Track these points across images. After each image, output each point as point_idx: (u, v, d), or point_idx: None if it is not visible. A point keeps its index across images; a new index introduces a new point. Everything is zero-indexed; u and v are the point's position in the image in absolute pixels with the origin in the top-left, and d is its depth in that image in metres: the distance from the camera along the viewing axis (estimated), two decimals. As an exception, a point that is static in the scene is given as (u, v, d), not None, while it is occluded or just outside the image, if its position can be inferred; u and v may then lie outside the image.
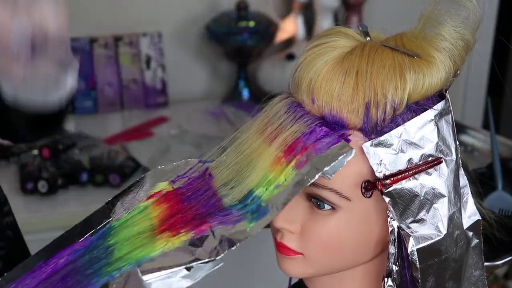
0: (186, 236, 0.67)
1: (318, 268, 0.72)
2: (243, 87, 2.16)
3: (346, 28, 0.72)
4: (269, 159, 0.67)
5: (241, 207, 0.67)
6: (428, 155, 0.67)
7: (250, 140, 0.71)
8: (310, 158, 0.64)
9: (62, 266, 0.70)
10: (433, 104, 0.68)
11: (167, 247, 0.67)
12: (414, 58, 0.67)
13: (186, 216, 0.69)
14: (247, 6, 2.09)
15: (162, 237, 0.68)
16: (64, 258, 0.71)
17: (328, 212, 0.68)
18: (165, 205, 0.72)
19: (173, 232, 0.68)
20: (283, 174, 0.66)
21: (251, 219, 0.66)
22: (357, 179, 0.66)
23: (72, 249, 0.72)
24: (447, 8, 0.69)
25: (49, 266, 0.71)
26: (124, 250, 0.68)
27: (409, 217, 0.66)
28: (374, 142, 0.65)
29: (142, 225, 0.71)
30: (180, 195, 0.72)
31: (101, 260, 0.69)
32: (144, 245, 0.68)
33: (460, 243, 0.70)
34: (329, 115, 0.67)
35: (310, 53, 0.69)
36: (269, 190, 0.66)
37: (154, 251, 0.67)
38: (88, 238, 0.72)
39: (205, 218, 0.68)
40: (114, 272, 0.67)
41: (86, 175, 1.64)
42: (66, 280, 0.68)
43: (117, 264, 0.67)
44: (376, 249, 0.71)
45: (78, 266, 0.69)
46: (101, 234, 0.72)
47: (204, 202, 0.70)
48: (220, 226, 0.66)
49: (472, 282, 0.73)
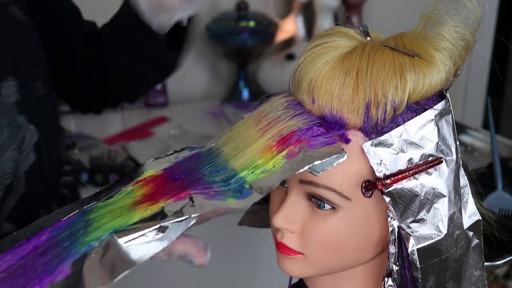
0: (164, 203, 0.66)
1: (318, 268, 0.72)
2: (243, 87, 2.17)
3: (346, 28, 0.72)
4: (260, 146, 0.67)
5: (222, 185, 0.67)
6: (428, 155, 0.67)
7: (244, 129, 0.71)
8: (302, 150, 0.64)
9: (43, 242, 0.70)
10: (434, 104, 0.68)
11: (145, 214, 0.66)
12: (414, 58, 0.67)
13: (167, 189, 0.69)
14: (247, 6, 2.09)
15: (141, 207, 0.67)
16: (45, 235, 0.70)
17: (329, 212, 0.68)
18: (150, 184, 0.72)
19: (152, 201, 0.68)
20: (272, 161, 0.66)
21: (232, 197, 0.65)
22: (357, 179, 0.66)
23: (55, 226, 0.71)
24: (447, 8, 0.69)
25: (30, 243, 0.70)
26: (103, 221, 0.68)
27: (409, 217, 0.66)
28: (374, 142, 0.65)
29: (125, 201, 0.70)
30: (166, 176, 0.72)
31: (79, 231, 0.68)
32: (123, 215, 0.67)
33: (461, 243, 0.70)
34: (329, 115, 0.67)
35: (310, 53, 0.69)
36: (255, 174, 0.66)
37: (132, 219, 0.66)
38: (72, 217, 0.72)
39: (185, 188, 0.67)
40: (93, 242, 0.65)
41: (86, 175, 1.64)
42: (46, 254, 0.68)
43: (95, 233, 0.66)
44: (376, 249, 0.71)
45: (58, 240, 0.69)
46: (83, 212, 0.72)
47: (188, 178, 0.69)
48: (200, 195, 0.66)
49: (473, 282, 0.73)
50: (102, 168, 1.66)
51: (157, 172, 0.73)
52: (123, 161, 1.70)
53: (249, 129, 0.70)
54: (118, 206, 0.70)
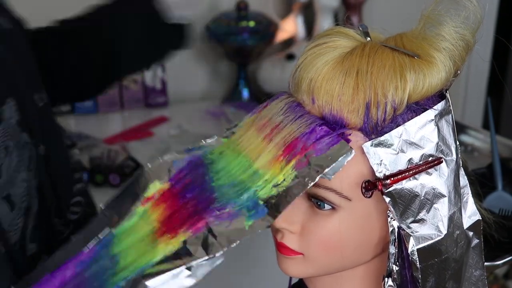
0: (184, 236, 0.66)
1: (318, 268, 0.72)
2: (243, 87, 2.16)
3: (346, 28, 0.72)
4: (268, 157, 0.67)
5: (236, 203, 0.66)
6: (428, 155, 0.67)
7: (249, 137, 0.71)
8: (310, 159, 0.64)
9: (70, 278, 0.70)
10: (433, 104, 0.68)
11: (168, 251, 0.66)
12: (414, 58, 0.67)
13: (182, 214, 0.69)
14: (247, 6, 2.09)
15: (162, 241, 0.68)
16: (71, 270, 0.70)
17: (329, 212, 0.68)
18: (163, 205, 0.71)
19: (172, 233, 0.68)
20: (282, 173, 0.66)
21: (249, 216, 0.65)
22: (357, 179, 0.66)
23: (78, 260, 0.71)
24: (447, 8, 0.69)
25: (55, 279, 0.70)
26: (129, 258, 0.68)
27: (409, 217, 0.66)
28: (374, 142, 0.65)
29: (144, 230, 0.70)
30: (176, 193, 0.71)
31: (107, 270, 0.69)
32: (146, 251, 0.68)
33: (461, 243, 0.70)
34: (329, 115, 0.67)
35: (310, 53, 0.69)
36: (267, 188, 0.66)
37: (156, 256, 0.67)
38: (93, 249, 0.72)
39: (201, 214, 0.67)
40: (121, 282, 0.66)
41: (86, 175, 1.64)
42: None
43: (123, 273, 0.67)
44: (376, 249, 0.71)
45: (86, 278, 0.69)
46: (104, 243, 0.72)
47: (199, 196, 0.69)
48: (216, 222, 0.66)
49: (473, 282, 0.73)
50: (102, 168, 1.66)
51: (164, 185, 0.73)
52: (123, 161, 1.70)
53: (252, 138, 0.70)
54: (138, 237, 0.70)
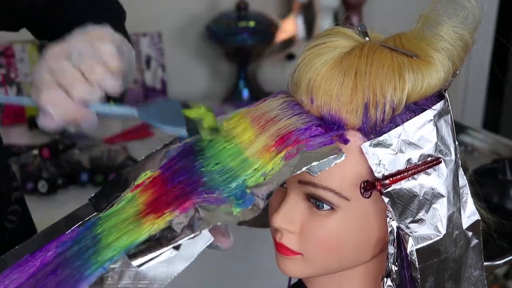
0: (171, 216, 0.65)
1: (317, 268, 0.72)
2: (243, 87, 2.16)
3: (345, 28, 0.72)
4: (259, 146, 0.67)
5: (224, 189, 0.66)
6: (427, 155, 0.67)
7: (242, 126, 0.71)
8: (300, 151, 0.64)
9: (51, 259, 0.69)
10: (432, 104, 0.68)
11: (153, 230, 0.65)
12: (413, 58, 0.67)
13: (169, 196, 0.68)
14: (247, 6, 2.09)
15: (147, 221, 0.66)
16: (52, 251, 0.69)
17: (327, 212, 0.68)
18: (151, 190, 0.71)
19: (157, 213, 0.67)
20: (271, 162, 0.65)
21: (236, 204, 0.64)
22: (356, 179, 0.66)
23: (60, 241, 0.70)
24: (445, 8, 0.69)
25: (36, 260, 0.69)
26: (111, 237, 0.67)
27: (408, 217, 0.66)
28: (373, 142, 0.65)
29: (129, 211, 0.69)
30: (165, 178, 0.71)
31: (89, 249, 0.67)
32: (130, 230, 0.67)
33: (460, 243, 0.70)
34: (328, 115, 0.67)
35: (309, 53, 0.69)
36: (255, 177, 0.65)
37: (141, 235, 0.65)
38: (76, 230, 0.71)
39: (188, 195, 0.66)
40: (106, 264, 0.65)
41: (86, 175, 1.64)
42: (56, 273, 0.67)
43: (106, 252, 0.66)
44: (375, 249, 0.71)
45: (68, 258, 0.68)
46: (88, 225, 0.71)
47: (188, 180, 0.68)
48: (204, 204, 0.65)
49: (472, 282, 0.73)
50: (102, 168, 1.66)
51: (154, 173, 0.72)
52: (123, 161, 1.70)
53: (246, 127, 0.70)
54: (123, 218, 0.69)
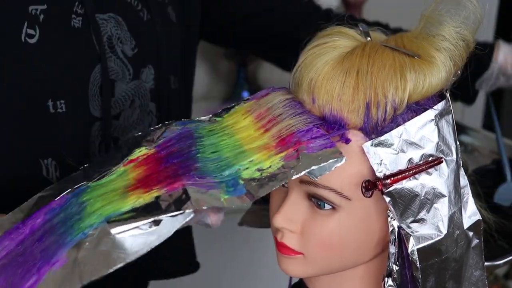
0: (158, 192, 0.65)
1: (318, 268, 0.72)
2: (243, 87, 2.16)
3: (346, 28, 0.72)
4: (259, 143, 0.67)
5: (216, 176, 0.66)
6: (428, 155, 0.67)
7: (245, 123, 0.70)
8: (300, 154, 0.64)
9: (39, 226, 0.68)
10: (434, 104, 0.68)
11: (138, 203, 0.65)
12: (414, 58, 0.67)
13: (161, 175, 0.68)
14: (247, 6, 2.09)
15: (134, 193, 0.66)
16: (40, 218, 0.69)
17: (329, 212, 0.68)
18: (143, 167, 0.70)
19: (146, 189, 0.66)
20: (269, 160, 0.65)
21: (226, 191, 0.64)
22: (357, 179, 0.66)
23: (49, 207, 0.70)
24: (447, 8, 0.69)
25: (26, 227, 0.69)
26: (96, 206, 0.67)
27: (409, 217, 0.66)
28: (374, 142, 0.65)
29: (118, 184, 0.69)
30: (160, 158, 0.71)
31: (74, 215, 0.67)
32: (115, 200, 0.66)
33: (461, 243, 0.70)
34: (329, 114, 0.67)
35: (310, 53, 0.69)
36: (250, 170, 0.65)
37: (124, 206, 0.65)
38: (64, 197, 0.71)
39: (180, 177, 0.66)
40: (87, 230, 0.65)
41: (86, 175, 1.64)
42: (42, 240, 0.67)
43: (89, 220, 0.66)
44: (376, 249, 0.71)
45: (54, 224, 0.68)
46: (77, 192, 0.70)
47: (181, 163, 0.68)
48: (193, 187, 0.64)
49: (473, 282, 0.73)
50: (102, 168, 1.65)
51: (150, 151, 0.72)
52: (123, 161, 1.69)
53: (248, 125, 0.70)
54: (110, 189, 0.69)
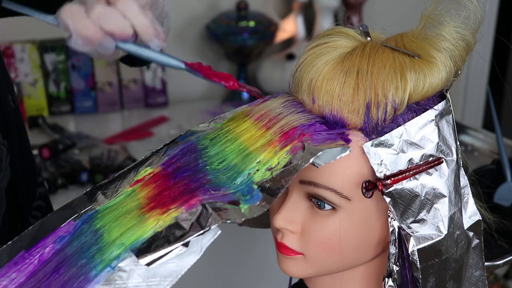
0: (177, 212, 0.64)
1: (318, 268, 0.71)
2: (243, 87, 2.16)
3: (346, 28, 0.72)
4: (262, 141, 0.67)
5: (230, 186, 0.64)
6: (428, 155, 0.67)
7: (245, 125, 0.70)
8: (305, 144, 0.63)
9: (50, 256, 0.66)
10: (434, 104, 0.68)
11: (159, 226, 0.63)
12: (414, 58, 0.67)
13: (173, 192, 0.66)
14: (247, 6, 2.09)
15: (151, 216, 0.65)
16: (49, 247, 0.67)
17: (329, 212, 0.68)
18: (152, 185, 0.69)
19: (162, 209, 0.65)
20: (276, 157, 0.64)
21: (244, 201, 0.63)
22: (357, 179, 0.66)
23: (56, 236, 0.67)
24: (447, 8, 0.69)
25: (34, 257, 0.66)
26: (114, 233, 0.65)
27: (409, 217, 0.66)
28: (374, 142, 0.65)
29: (129, 205, 0.67)
30: (167, 174, 0.69)
31: (92, 246, 0.65)
32: (134, 225, 0.64)
33: (461, 243, 0.70)
34: (329, 115, 0.67)
35: (310, 53, 0.69)
36: (261, 172, 0.64)
37: (146, 232, 0.63)
38: (72, 223, 0.68)
39: (194, 193, 0.65)
40: (113, 262, 0.63)
41: (86, 175, 1.64)
42: (59, 272, 0.64)
43: (110, 250, 0.64)
44: (376, 249, 0.71)
45: (69, 255, 0.65)
46: (86, 219, 0.68)
47: (192, 177, 0.67)
48: (211, 200, 0.63)
49: (473, 282, 0.73)
50: (102, 168, 1.66)
51: (155, 169, 0.71)
52: (123, 161, 1.69)
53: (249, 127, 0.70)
54: (123, 212, 0.67)
